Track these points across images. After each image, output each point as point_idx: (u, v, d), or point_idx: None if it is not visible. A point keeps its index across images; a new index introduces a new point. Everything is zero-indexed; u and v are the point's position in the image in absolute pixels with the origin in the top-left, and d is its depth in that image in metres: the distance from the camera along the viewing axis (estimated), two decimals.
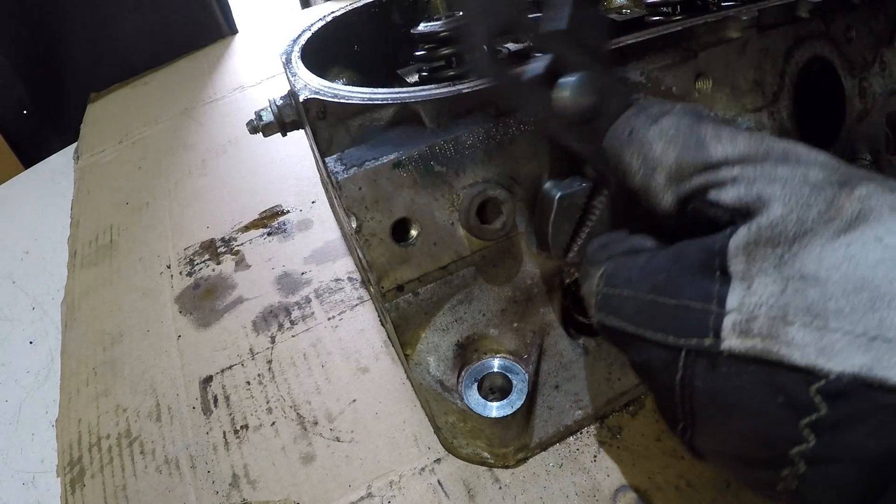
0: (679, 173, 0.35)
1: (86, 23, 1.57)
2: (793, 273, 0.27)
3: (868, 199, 0.28)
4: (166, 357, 0.77)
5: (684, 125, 0.35)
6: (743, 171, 0.33)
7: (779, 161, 0.32)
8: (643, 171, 0.36)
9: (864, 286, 0.25)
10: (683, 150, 0.34)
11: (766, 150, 0.33)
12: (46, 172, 1.40)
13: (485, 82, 0.47)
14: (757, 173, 0.32)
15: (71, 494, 0.65)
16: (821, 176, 0.31)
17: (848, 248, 0.27)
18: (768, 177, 0.32)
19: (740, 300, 0.28)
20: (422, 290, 0.51)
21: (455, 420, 0.55)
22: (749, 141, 0.33)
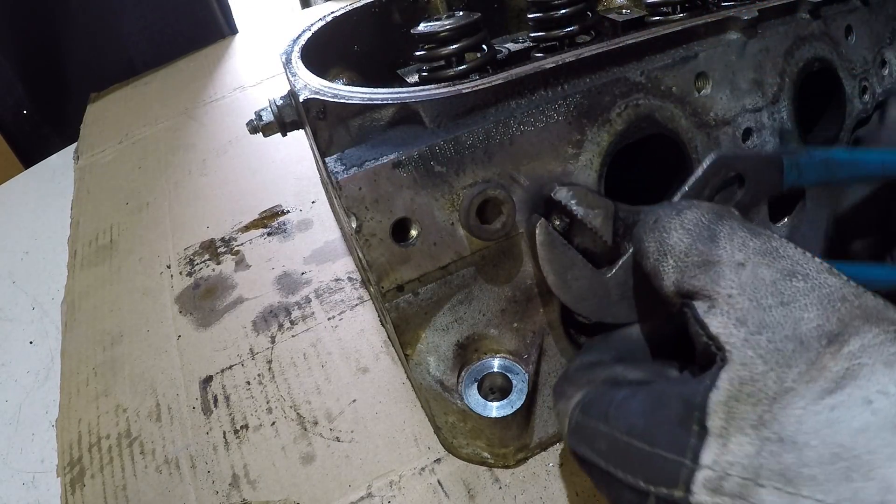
0: (685, 262, 0.35)
1: (86, 23, 1.57)
2: (770, 435, 0.27)
3: (860, 355, 0.28)
4: (166, 357, 0.77)
5: (705, 219, 0.36)
6: (741, 285, 0.32)
7: (779, 287, 0.31)
8: (656, 255, 0.37)
9: (842, 454, 0.25)
10: (695, 240, 0.35)
11: (772, 258, 0.32)
12: (46, 172, 1.40)
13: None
14: (748, 306, 0.31)
15: (71, 494, 0.65)
16: (813, 325, 0.29)
17: (831, 412, 0.26)
18: (758, 320, 0.31)
19: (714, 458, 0.28)
20: (422, 290, 0.51)
21: (455, 420, 0.55)
22: (760, 247, 0.33)
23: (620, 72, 0.52)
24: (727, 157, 0.45)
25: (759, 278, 0.32)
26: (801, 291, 0.31)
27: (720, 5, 0.62)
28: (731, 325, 0.31)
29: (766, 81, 0.58)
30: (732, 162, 0.45)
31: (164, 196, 1.10)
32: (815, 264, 0.32)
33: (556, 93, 0.50)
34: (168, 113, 1.39)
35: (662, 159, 0.57)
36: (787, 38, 0.59)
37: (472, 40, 0.60)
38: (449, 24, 0.59)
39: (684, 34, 0.54)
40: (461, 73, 0.59)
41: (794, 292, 0.31)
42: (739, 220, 0.36)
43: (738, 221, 0.36)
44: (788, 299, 0.31)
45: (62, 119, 1.62)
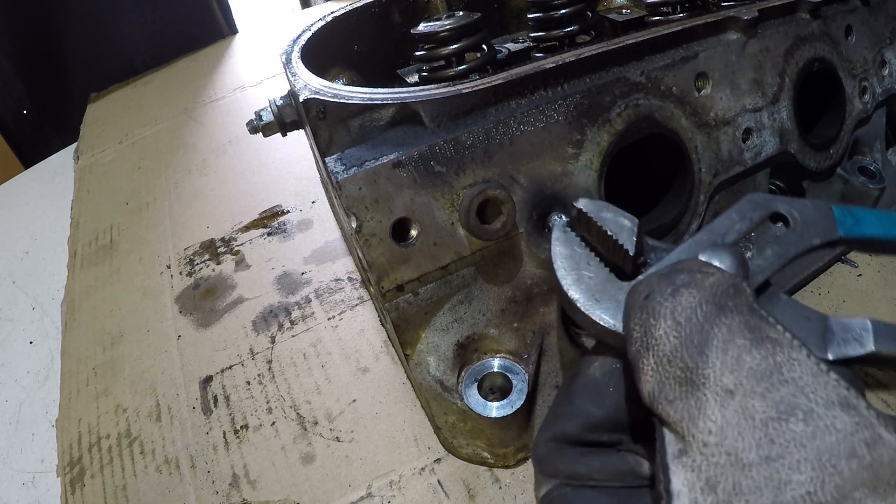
0: (667, 372, 0.29)
1: (86, 23, 1.57)
2: None
3: None
4: (166, 357, 0.77)
5: (701, 312, 0.29)
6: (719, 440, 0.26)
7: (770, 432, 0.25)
8: (639, 345, 0.31)
9: None
10: (683, 344, 0.29)
11: (771, 384, 0.26)
12: (46, 172, 1.40)
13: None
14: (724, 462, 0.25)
15: (71, 494, 0.65)
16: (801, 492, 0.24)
17: None
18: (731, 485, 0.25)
19: None
20: (422, 290, 0.51)
21: (455, 420, 0.55)
22: (758, 366, 0.26)
23: (620, 72, 0.52)
24: (765, 198, 0.40)
25: (747, 416, 0.26)
26: (796, 440, 0.24)
27: (720, 5, 0.62)
28: (697, 488, 0.26)
29: (766, 81, 0.58)
30: (771, 202, 0.40)
31: (164, 196, 1.10)
32: (827, 391, 0.25)
33: (556, 93, 0.50)
34: (168, 113, 1.39)
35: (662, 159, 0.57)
36: (787, 38, 0.59)
37: (472, 40, 0.60)
38: (449, 24, 0.59)
39: (684, 34, 0.54)
40: (461, 73, 0.59)
41: (787, 441, 0.25)
42: (747, 311, 0.29)
43: (741, 318, 0.29)
44: (778, 453, 0.24)
45: (62, 119, 1.62)
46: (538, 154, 0.49)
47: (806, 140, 0.62)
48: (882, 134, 0.73)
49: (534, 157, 0.49)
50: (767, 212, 0.39)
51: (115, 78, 1.62)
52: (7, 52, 1.54)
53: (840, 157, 0.66)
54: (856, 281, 0.67)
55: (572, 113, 0.49)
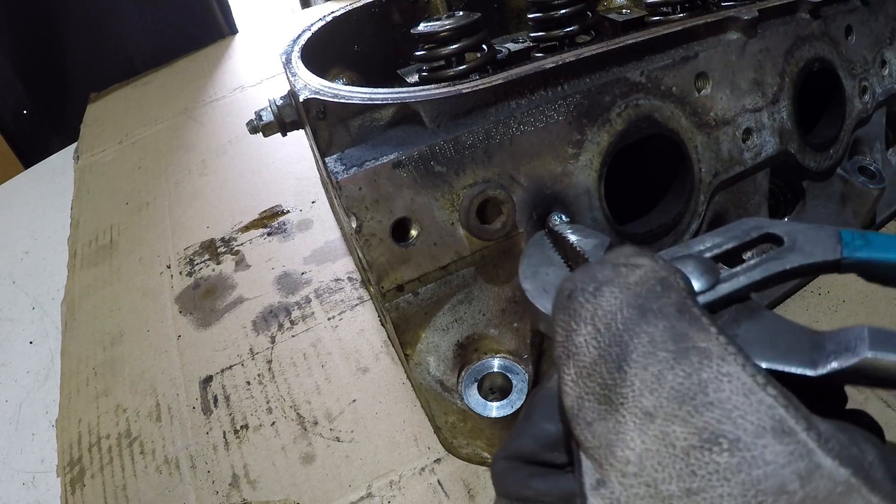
0: (586, 388, 0.26)
1: (86, 23, 1.57)
2: None
3: None
4: (166, 357, 0.77)
5: (622, 318, 0.25)
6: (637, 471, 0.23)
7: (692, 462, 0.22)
8: (561, 351, 0.27)
9: None
10: (602, 356, 0.25)
11: (694, 407, 0.23)
12: (46, 172, 1.40)
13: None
14: (643, 493, 0.23)
15: (71, 494, 0.65)
16: None
17: None
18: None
19: None
20: (422, 290, 0.51)
21: (455, 420, 0.55)
22: (681, 385, 0.23)
23: (620, 72, 0.52)
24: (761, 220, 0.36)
25: (668, 444, 0.23)
26: (720, 472, 0.22)
27: (720, 5, 0.62)
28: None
29: (766, 81, 0.58)
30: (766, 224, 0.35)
31: (164, 196, 1.10)
32: (759, 415, 0.22)
33: (556, 93, 0.50)
34: (168, 113, 1.39)
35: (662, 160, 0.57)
36: (787, 38, 0.59)
37: (472, 40, 0.60)
38: (449, 24, 0.59)
39: (684, 34, 0.54)
40: (461, 73, 0.59)
41: (710, 473, 0.22)
42: (674, 315, 0.25)
43: (666, 323, 0.25)
44: (700, 486, 0.22)
45: (62, 119, 1.62)
46: (538, 154, 0.49)
47: (806, 140, 0.62)
48: (882, 134, 0.73)
49: (534, 157, 0.49)
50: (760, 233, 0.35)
51: (115, 78, 1.62)
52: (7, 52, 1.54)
53: (840, 157, 0.66)
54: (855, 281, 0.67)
55: (572, 113, 0.49)
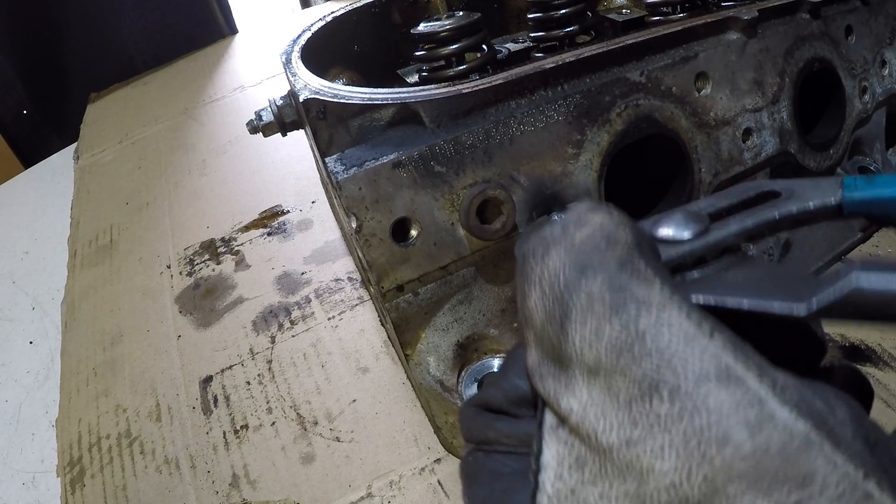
0: (540, 350, 0.26)
1: (86, 23, 1.57)
2: None
3: None
4: (166, 357, 0.77)
5: (563, 278, 0.25)
6: (581, 420, 0.23)
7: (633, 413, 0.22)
8: (521, 314, 0.27)
9: None
10: (548, 317, 0.25)
11: (632, 357, 0.22)
12: (46, 172, 1.40)
13: None
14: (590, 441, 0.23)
15: (71, 494, 0.65)
16: (665, 483, 0.21)
17: None
18: (596, 469, 0.23)
19: None
20: (422, 290, 0.51)
21: (455, 420, 0.55)
22: (617, 336, 0.22)
23: (620, 72, 0.52)
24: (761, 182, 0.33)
25: (612, 396, 0.22)
26: (660, 422, 0.21)
27: (720, 5, 0.62)
28: (566, 464, 0.24)
29: (766, 81, 0.58)
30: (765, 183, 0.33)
31: (164, 196, 1.10)
32: (702, 361, 0.21)
33: (556, 93, 0.50)
34: (168, 113, 1.39)
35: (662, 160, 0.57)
36: (787, 38, 0.59)
37: (472, 40, 0.60)
38: (449, 25, 0.59)
39: (684, 34, 0.54)
40: (461, 73, 0.59)
41: (651, 423, 0.21)
42: (614, 268, 0.24)
43: (604, 277, 0.24)
44: (640, 436, 0.21)
45: (62, 119, 1.62)
46: (538, 154, 0.49)
47: (806, 140, 0.62)
48: (882, 134, 0.73)
49: (534, 157, 0.49)
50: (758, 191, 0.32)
51: (115, 78, 1.62)
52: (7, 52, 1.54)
53: (840, 158, 0.66)
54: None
55: (572, 113, 0.49)
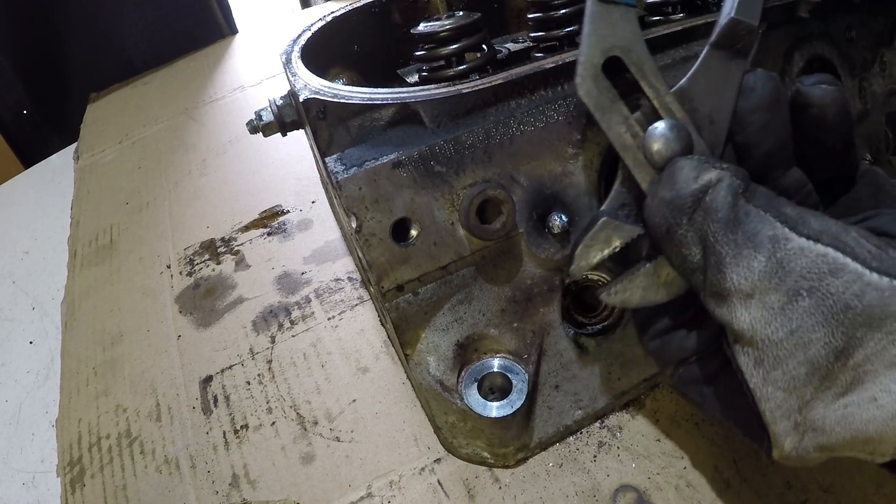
0: (707, 291, 0.36)
1: (86, 23, 1.57)
2: (806, 428, 0.34)
3: (864, 364, 0.32)
4: (166, 357, 0.77)
5: (711, 233, 0.35)
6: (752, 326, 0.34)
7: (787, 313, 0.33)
8: (683, 269, 0.38)
9: (858, 436, 0.33)
10: (709, 269, 0.35)
11: (779, 279, 0.33)
12: (46, 172, 1.40)
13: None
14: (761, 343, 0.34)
15: (71, 494, 0.65)
16: (821, 345, 0.32)
17: (845, 409, 0.33)
18: (773, 357, 0.34)
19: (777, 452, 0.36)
20: (422, 290, 0.51)
21: (455, 420, 0.55)
22: (764, 267, 0.33)
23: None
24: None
25: (767, 308, 0.33)
26: (806, 311, 0.32)
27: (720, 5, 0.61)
28: (750, 364, 0.35)
29: None
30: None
31: (164, 196, 1.10)
32: (819, 266, 0.32)
33: (556, 93, 0.50)
34: (168, 113, 1.39)
35: None
36: (787, 38, 0.59)
37: (472, 40, 0.60)
38: (449, 24, 0.59)
39: (684, 34, 0.54)
40: (461, 73, 0.59)
41: (800, 314, 0.32)
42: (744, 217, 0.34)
43: (742, 227, 0.34)
44: (796, 325, 0.32)
45: (62, 119, 1.62)
46: (538, 154, 0.49)
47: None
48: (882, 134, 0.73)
49: (534, 157, 0.49)
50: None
51: (115, 78, 1.62)
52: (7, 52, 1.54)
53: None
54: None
55: (572, 113, 0.49)
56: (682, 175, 0.37)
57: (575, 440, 0.57)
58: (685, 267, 0.37)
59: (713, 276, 0.35)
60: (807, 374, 0.33)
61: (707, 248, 0.35)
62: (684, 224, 0.36)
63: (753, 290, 0.33)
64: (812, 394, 0.33)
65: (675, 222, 0.37)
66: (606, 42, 0.41)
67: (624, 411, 0.58)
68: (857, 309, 0.31)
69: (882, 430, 0.32)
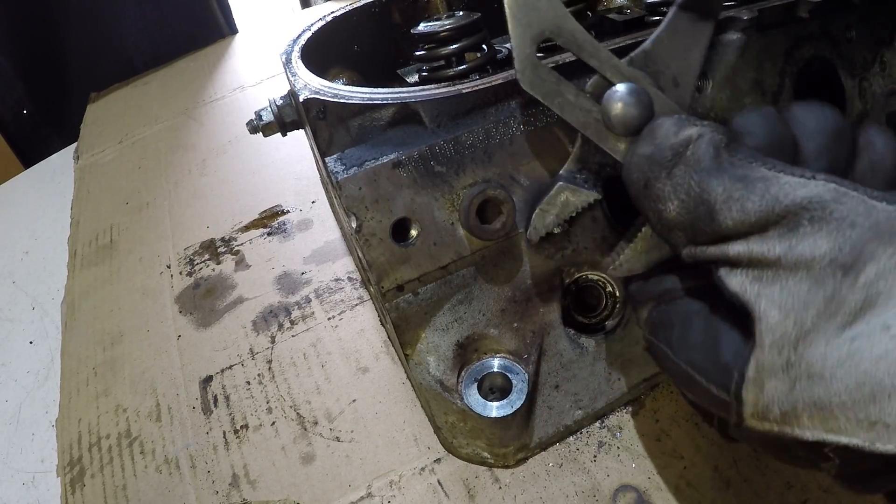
0: (694, 240, 0.35)
1: (86, 23, 1.57)
2: (799, 373, 0.29)
3: (876, 282, 0.28)
4: (166, 357, 0.77)
5: (696, 183, 0.34)
6: (749, 250, 0.32)
7: (786, 236, 0.30)
8: (660, 227, 0.37)
9: (866, 381, 0.27)
10: (696, 219, 0.34)
11: (781, 213, 0.31)
12: (46, 172, 1.40)
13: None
14: (759, 260, 0.31)
15: (71, 494, 0.65)
16: (826, 260, 0.29)
17: (852, 343, 0.28)
18: (769, 276, 0.31)
19: (755, 399, 0.32)
20: (422, 290, 0.51)
21: (455, 420, 0.55)
22: (758, 205, 0.31)
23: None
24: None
25: (766, 237, 0.31)
26: (809, 233, 0.30)
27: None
28: (746, 283, 0.32)
29: (766, 81, 0.58)
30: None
31: (164, 196, 1.10)
32: (819, 193, 0.30)
33: None
34: (168, 113, 1.39)
35: None
36: (787, 38, 0.59)
37: (472, 40, 0.60)
38: (449, 24, 0.59)
39: None
40: (461, 72, 0.59)
41: (802, 234, 0.30)
42: (729, 165, 0.33)
43: (727, 173, 0.33)
44: (797, 243, 0.30)
45: (62, 119, 1.62)
46: (538, 154, 0.49)
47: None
48: None
49: (534, 157, 0.49)
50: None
51: (115, 78, 1.62)
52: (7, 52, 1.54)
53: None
54: None
55: None
56: (662, 131, 0.37)
57: (575, 440, 0.57)
58: (662, 224, 0.36)
59: (706, 227, 0.33)
60: (809, 291, 0.29)
61: (692, 201, 0.34)
62: (662, 177, 0.35)
63: (751, 229, 0.32)
64: (814, 320, 0.29)
65: (653, 176, 0.36)
66: (533, 28, 0.41)
67: (624, 411, 0.58)
68: (864, 226, 0.29)
69: (892, 370, 0.26)
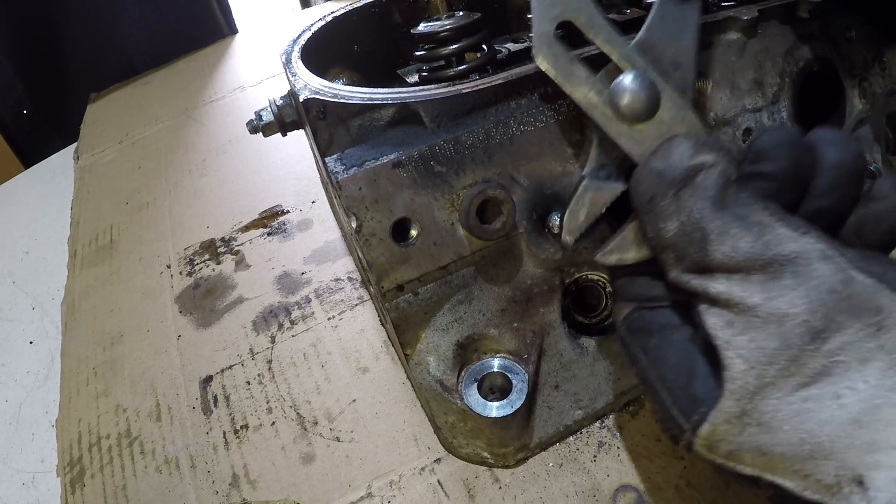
0: (682, 264, 0.36)
1: (86, 23, 1.57)
2: (750, 420, 0.32)
3: (838, 352, 0.30)
4: (166, 357, 0.77)
5: (697, 210, 0.35)
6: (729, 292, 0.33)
7: (767, 287, 0.32)
8: (656, 241, 0.38)
9: (808, 440, 0.30)
10: (689, 243, 0.35)
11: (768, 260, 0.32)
12: (46, 172, 1.40)
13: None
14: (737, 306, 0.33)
15: (71, 494, 0.65)
16: (798, 321, 0.30)
17: (803, 403, 0.30)
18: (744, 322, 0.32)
19: (708, 434, 0.34)
20: (422, 290, 0.51)
21: (455, 420, 0.55)
22: (750, 248, 0.32)
23: None
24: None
25: (748, 281, 0.33)
26: (789, 288, 0.31)
27: (720, 5, 0.62)
28: (720, 325, 0.34)
29: (766, 81, 0.58)
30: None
31: (164, 196, 1.10)
32: (808, 251, 0.32)
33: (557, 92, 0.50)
34: (168, 113, 1.39)
35: None
36: (787, 38, 0.59)
37: (472, 40, 0.60)
38: (449, 24, 0.59)
39: None
40: (461, 73, 0.59)
41: (782, 290, 0.31)
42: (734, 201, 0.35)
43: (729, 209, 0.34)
44: (776, 294, 0.31)
45: (62, 119, 1.62)
46: (538, 154, 0.49)
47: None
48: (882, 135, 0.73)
49: (534, 157, 0.49)
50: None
51: (115, 78, 1.62)
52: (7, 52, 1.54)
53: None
54: None
55: (572, 112, 0.49)
56: (678, 150, 0.37)
57: (575, 440, 0.57)
58: (658, 240, 0.37)
59: (695, 254, 0.35)
60: (775, 350, 0.31)
61: (690, 226, 0.35)
62: (669, 195, 0.36)
63: (738, 267, 0.33)
64: (773, 376, 0.31)
65: (660, 192, 0.37)
66: (554, 9, 0.42)
67: (624, 411, 0.58)
68: (841, 293, 0.30)
69: (834, 438, 0.29)
